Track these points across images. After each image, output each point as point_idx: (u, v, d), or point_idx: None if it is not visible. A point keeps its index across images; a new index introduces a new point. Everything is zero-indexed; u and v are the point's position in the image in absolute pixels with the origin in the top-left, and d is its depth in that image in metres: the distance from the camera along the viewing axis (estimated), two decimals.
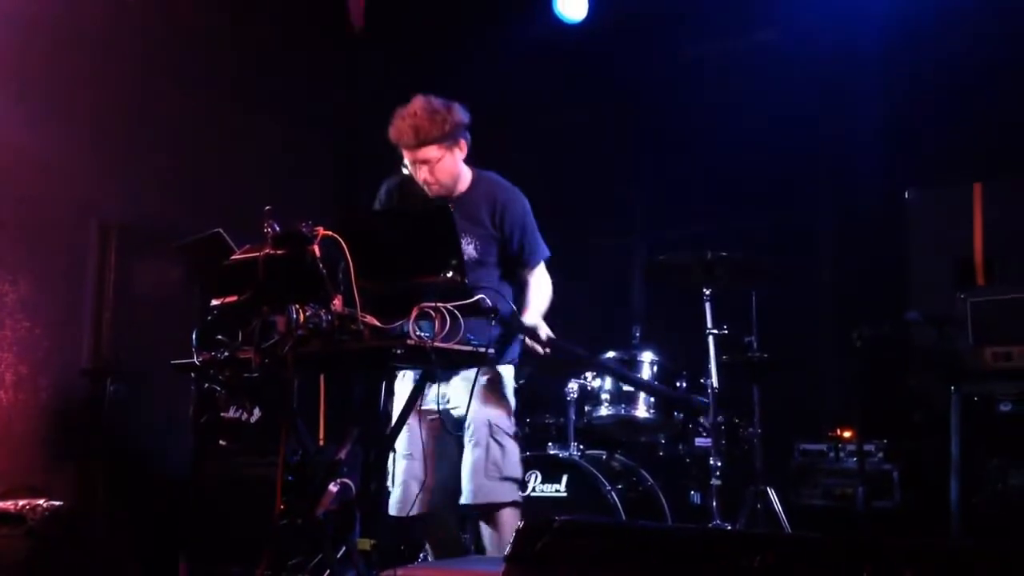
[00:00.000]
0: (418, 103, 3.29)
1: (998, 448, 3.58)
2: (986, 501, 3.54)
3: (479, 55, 5.73)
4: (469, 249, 3.36)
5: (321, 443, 4.22)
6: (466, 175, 3.46)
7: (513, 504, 3.32)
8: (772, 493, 4.15)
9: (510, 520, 3.32)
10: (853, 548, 1.26)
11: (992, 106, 4.77)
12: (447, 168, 3.35)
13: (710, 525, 4.01)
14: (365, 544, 3.90)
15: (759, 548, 1.28)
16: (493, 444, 3.31)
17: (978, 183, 4.21)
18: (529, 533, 1.47)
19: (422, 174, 3.32)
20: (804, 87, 5.21)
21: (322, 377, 3.65)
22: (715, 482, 4.07)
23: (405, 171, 3.38)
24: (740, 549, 1.29)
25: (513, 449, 3.39)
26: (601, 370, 4.14)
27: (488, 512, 3.33)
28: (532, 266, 3.50)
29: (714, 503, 4.05)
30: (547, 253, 3.57)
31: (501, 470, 3.32)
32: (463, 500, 3.32)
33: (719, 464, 4.10)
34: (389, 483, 3.39)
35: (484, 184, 3.48)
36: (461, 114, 3.35)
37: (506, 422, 3.39)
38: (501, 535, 3.29)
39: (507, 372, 3.48)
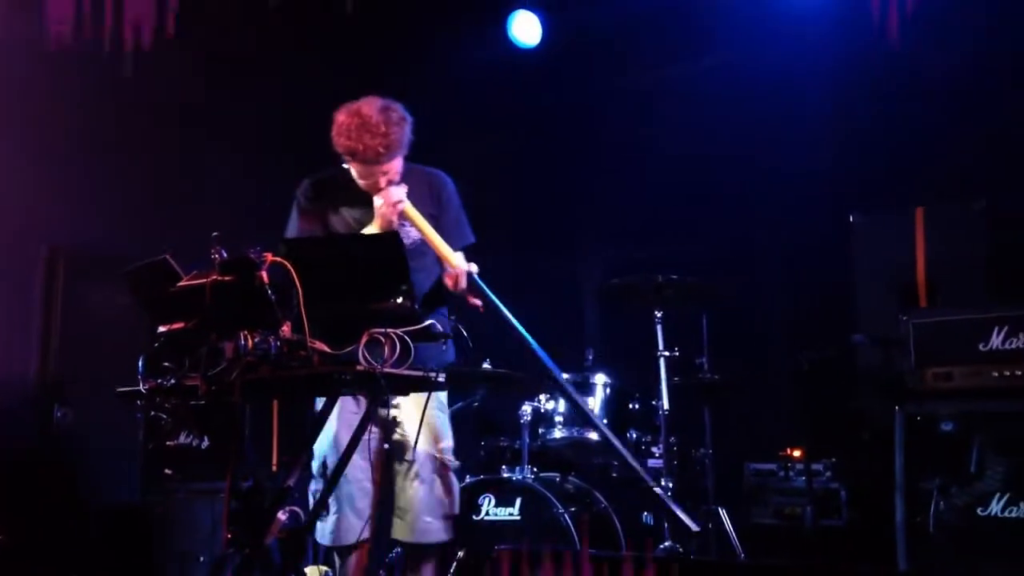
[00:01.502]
0: (378, 115, 3.16)
1: (940, 467, 3.65)
2: (929, 520, 3.60)
3: (433, 77, 5.76)
4: (412, 232, 3.27)
5: (274, 469, 4.20)
6: None
7: (446, 543, 3.31)
8: (723, 513, 4.21)
9: (435, 558, 3.31)
10: None
11: (934, 132, 4.89)
12: (398, 170, 3.28)
13: (662, 547, 4.05)
14: (316, 572, 3.87)
15: (688, 573, 1.31)
16: (438, 481, 3.28)
17: (920, 208, 4.32)
18: (469, 562, 1.47)
19: (382, 183, 3.22)
20: (752, 112, 5.31)
21: (275, 403, 3.63)
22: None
23: (346, 166, 3.28)
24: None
25: (455, 485, 3.37)
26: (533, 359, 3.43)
27: (425, 550, 3.30)
28: (457, 247, 3.38)
29: (666, 524, 4.09)
30: (472, 239, 3.48)
31: (445, 508, 3.30)
32: (406, 538, 3.26)
33: (671, 485, 4.15)
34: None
35: (416, 170, 3.41)
36: (408, 115, 3.27)
37: (451, 456, 3.37)
38: (424, 573, 3.28)
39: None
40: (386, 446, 3.30)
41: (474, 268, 3.22)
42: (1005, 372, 3.49)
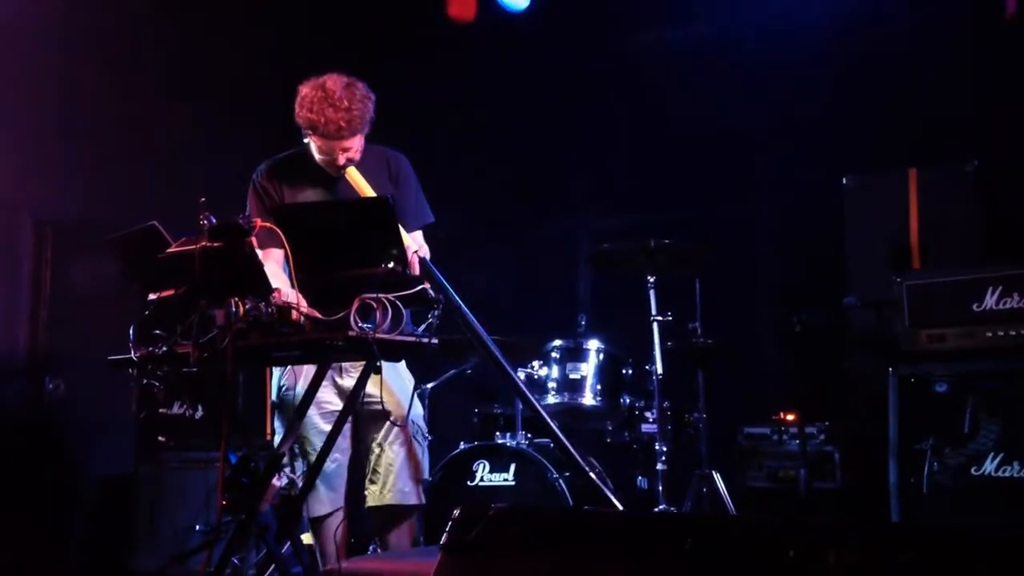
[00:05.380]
0: (342, 89, 3.14)
1: (934, 428, 3.66)
2: (923, 480, 3.61)
3: (422, 40, 5.70)
4: None
5: (268, 437, 4.19)
6: None
7: (419, 506, 3.34)
8: (717, 476, 4.22)
9: (413, 522, 3.34)
10: (778, 530, 1.28)
11: (927, 92, 4.86)
12: (359, 149, 3.25)
13: (656, 509, 4.06)
14: (311, 538, 3.87)
15: (690, 530, 1.30)
16: (415, 444, 3.31)
17: (913, 169, 4.30)
18: (464, 521, 1.47)
19: (341, 160, 3.20)
20: (743, 76, 5.27)
21: (268, 371, 3.60)
22: (661, 467, 4.12)
23: (306, 142, 3.26)
24: (671, 532, 1.31)
25: (426, 449, 3.40)
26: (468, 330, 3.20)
27: (404, 513, 3.32)
28: (417, 226, 3.38)
29: (660, 488, 4.10)
30: (431, 218, 3.45)
31: (421, 471, 3.33)
32: (385, 502, 3.27)
33: (665, 449, 4.15)
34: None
35: (373, 149, 3.37)
36: (372, 93, 3.23)
37: (422, 421, 3.41)
38: (401, 538, 3.31)
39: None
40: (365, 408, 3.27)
41: (426, 252, 3.17)
42: (999, 332, 3.48)
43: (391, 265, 2.66)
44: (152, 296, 2.75)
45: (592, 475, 3.12)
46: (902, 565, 1.14)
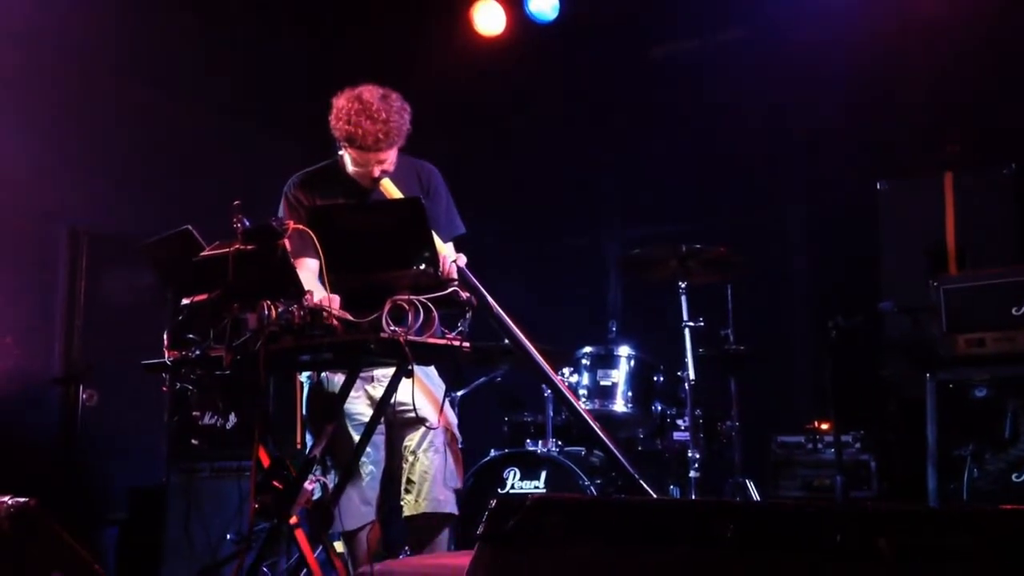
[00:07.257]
0: (378, 101, 3.14)
1: (973, 434, 3.60)
2: (963, 487, 3.55)
3: (449, 52, 5.73)
4: None
5: (298, 446, 4.18)
6: None
7: (453, 516, 3.30)
8: (751, 485, 4.17)
9: (447, 532, 3.29)
10: (824, 516, 1.26)
11: (961, 95, 4.81)
12: (394, 161, 3.24)
13: None
14: (343, 547, 3.86)
15: (732, 516, 1.28)
16: (449, 452, 3.26)
17: (949, 173, 4.25)
18: (502, 511, 1.45)
19: (376, 172, 3.19)
20: (773, 83, 5.23)
21: (298, 383, 3.58)
22: (694, 475, 4.07)
23: (340, 153, 3.26)
24: (713, 518, 1.28)
25: (459, 457, 3.36)
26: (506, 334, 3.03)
27: (441, 521, 3.27)
28: (448, 237, 3.34)
29: (693, 496, 4.05)
30: (463, 229, 3.43)
31: (456, 479, 3.28)
32: (420, 510, 3.21)
33: (697, 457, 4.10)
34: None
35: (404, 160, 3.34)
36: (407, 105, 3.22)
37: (455, 429, 3.36)
38: (435, 548, 3.25)
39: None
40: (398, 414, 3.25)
41: (463, 260, 3.10)
42: None
43: (422, 266, 2.66)
44: (185, 300, 2.76)
45: (641, 482, 3.06)
46: (953, 550, 1.11)
